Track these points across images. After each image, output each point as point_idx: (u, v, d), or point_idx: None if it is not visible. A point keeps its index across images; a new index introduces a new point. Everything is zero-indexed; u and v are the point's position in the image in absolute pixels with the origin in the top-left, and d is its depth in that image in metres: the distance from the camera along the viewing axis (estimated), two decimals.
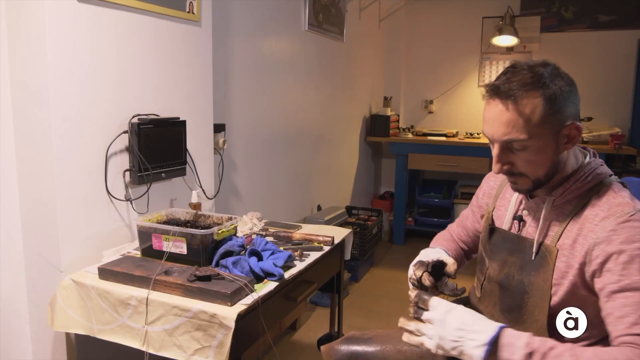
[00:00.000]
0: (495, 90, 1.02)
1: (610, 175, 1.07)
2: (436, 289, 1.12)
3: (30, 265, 1.54)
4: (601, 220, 0.99)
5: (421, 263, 1.14)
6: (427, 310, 0.99)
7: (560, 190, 1.07)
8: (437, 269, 1.13)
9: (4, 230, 1.50)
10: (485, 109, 1.05)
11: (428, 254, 1.24)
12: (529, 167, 1.04)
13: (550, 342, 0.91)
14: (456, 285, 1.13)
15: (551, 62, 1.03)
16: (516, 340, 0.91)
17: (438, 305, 0.98)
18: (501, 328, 0.93)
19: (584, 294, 1.02)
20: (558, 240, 1.04)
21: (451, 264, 1.16)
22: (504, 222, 1.19)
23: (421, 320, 0.99)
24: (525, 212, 1.15)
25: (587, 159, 1.10)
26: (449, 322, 0.95)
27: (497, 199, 1.25)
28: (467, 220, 1.39)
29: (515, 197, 1.18)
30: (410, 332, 1.00)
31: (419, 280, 1.10)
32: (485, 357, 0.91)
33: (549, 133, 1.00)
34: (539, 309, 1.05)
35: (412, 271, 1.14)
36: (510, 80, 1.01)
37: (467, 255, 1.42)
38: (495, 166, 1.06)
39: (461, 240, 1.41)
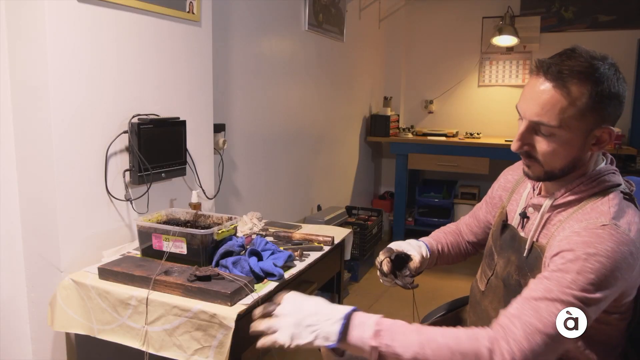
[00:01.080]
0: (545, 67, 0.96)
1: (618, 185, 1.03)
2: (393, 277, 1.17)
3: (30, 265, 1.54)
4: (574, 222, 0.97)
5: (388, 250, 1.19)
6: (279, 304, 0.95)
7: (563, 190, 1.05)
8: (402, 260, 1.18)
9: (4, 230, 1.50)
10: (527, 83, 1.00)
11: (400, 244, 1.25)
12: (548, 156, 1.00)
13: (400, 322, 0.91)
14: (412, 280, 1.17)
15: (611, 58, 0.98)
16: (367, 319, 0.91)
17: (292, 297, 0.96)
18: (353, 310, 0.93)
19: None
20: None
21: (415, 262, 1.19)
22: (514, 217, 1.18)
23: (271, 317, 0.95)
24: (530, 209, 1.13)
25: (603, 164, 1.06)
26: (304, 308, 0.93)
27: (512, 194, 1.23)
28: (479, 211, 1.38)
29: (526, 193, 1.16)
30: (263, 335, 0.94)
31: (380, 264, 1.17)
32: (341, 331, 0.90)
33: (581, 129, 0.96)
34: None
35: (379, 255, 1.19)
36: (564, 62, 0.96)
37: (475, 247, 1.41)
38: (516, 143, 1.02)
39: (471, 232, 1.39)
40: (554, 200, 1.06)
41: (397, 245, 1.25)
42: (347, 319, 0.91)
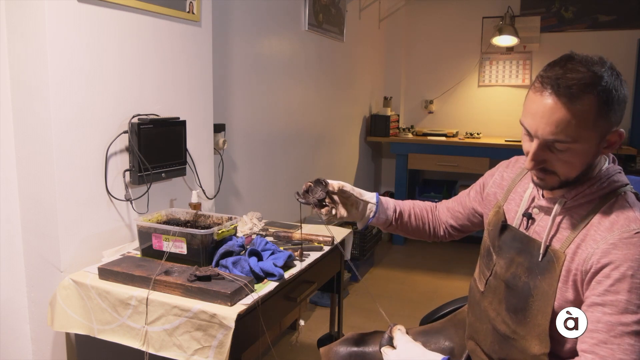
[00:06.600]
0: (553, 84, 0.93)
1: (626, 185, 1.04)
2: (300, 196, 1.28)
3: (30, 265, 1.54)
4: (605, 231, 0.96)
5: (316, 179, 1.27)
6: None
7: (573, 193, 1.04)
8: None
9: (4, 230, 1.50)
10: (532, 100, 0.97)
11: (337, 181, 1.34)
12: (564, 168, 0.99)
13: None
14: (322, 200, 1.27)
15: (607, 59, 0.96)
16: None
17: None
18: None
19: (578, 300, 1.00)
20: (568, 247, 1.01)
21: (335, 184, 1.29)
22: (514, 218, 1.16)
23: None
24: (535, 210, 1.12)
25: (607, 164, 1.06)
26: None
27: (509, 193, 1.21)
28: (465, 197, 1.35)
29: (528, 193, 1.15)
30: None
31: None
32: None
33: (595, 137, 0.96)
34: (543, 313, 1.03)
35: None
36: (567, 75, 0.93)
37: (452, 231, 1.39)
38: (530, 163, 1.01)
39: (452, 216, 1.37)
40: (564, 203, 1.05)
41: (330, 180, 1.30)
42: None
